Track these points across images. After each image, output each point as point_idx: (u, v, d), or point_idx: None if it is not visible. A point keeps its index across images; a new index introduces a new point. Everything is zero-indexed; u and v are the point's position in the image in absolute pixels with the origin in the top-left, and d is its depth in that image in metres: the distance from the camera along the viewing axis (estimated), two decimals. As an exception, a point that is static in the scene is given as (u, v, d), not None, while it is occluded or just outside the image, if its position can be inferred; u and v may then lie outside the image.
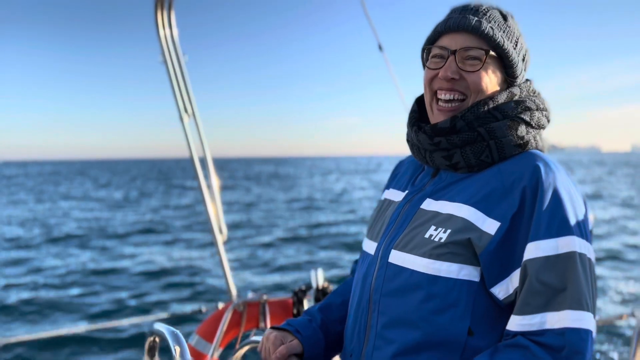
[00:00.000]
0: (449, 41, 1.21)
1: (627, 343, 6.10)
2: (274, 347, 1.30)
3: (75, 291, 8.95)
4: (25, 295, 8.68)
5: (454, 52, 1.19)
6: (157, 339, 1.33)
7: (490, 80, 1.21)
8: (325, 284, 2.98)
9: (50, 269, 10.90)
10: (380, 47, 3.33)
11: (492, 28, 1.19)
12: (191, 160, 3.16)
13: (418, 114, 1.33)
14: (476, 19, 1.20)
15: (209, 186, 3.24)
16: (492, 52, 1.19)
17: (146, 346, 1.34)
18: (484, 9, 1.23)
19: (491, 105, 1.19)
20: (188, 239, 14.64)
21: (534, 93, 1.27)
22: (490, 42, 1.19)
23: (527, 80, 1.29)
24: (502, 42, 1.19)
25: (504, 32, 1.21)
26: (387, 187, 1.45)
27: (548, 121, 1.26)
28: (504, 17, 1.24)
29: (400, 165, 1.48)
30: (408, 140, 1.32)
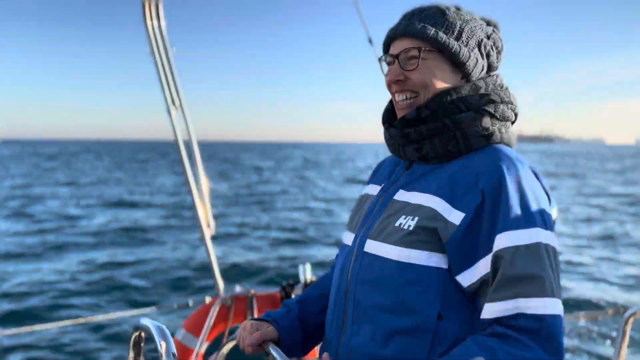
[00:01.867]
0: (393, 48, 1.32)
1: (614, 338, 6.18)
2: (249, 335, 1.36)
3: (55, 282, 8.86)
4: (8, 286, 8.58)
5: (397, 57, 1.29)
6: (142, 334, 1.32)
7: (435, 74, 1.27)
8: (313, 279, 2.98)
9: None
10: (370, 41, 3.33)
11: (423, 26, 1.26)
12: (178, 153, 3.13)
13: (391, 112, 1.41)
14: (409, 22, 1.29)
15: (196, 178, 3.21)
16: (426, 48, 1.26)
17: (131, 341, 1.33)
18: (419, 10, 1.31)
19: (454, 97, 1.26)
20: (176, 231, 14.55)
21: (501, 87, 1.33)
22: (424, 39, 1.25)
23: (492, 75, 1.34)
24: (436, 35, 1.25)
25: (440, 25, 1.27)
26: (368, 183, 1.53)
27: (515, 114, 1.33)
28: (442, 12, 1.30)
29: (381, 164, 1.56)
30: (385, 139, 1.41)
